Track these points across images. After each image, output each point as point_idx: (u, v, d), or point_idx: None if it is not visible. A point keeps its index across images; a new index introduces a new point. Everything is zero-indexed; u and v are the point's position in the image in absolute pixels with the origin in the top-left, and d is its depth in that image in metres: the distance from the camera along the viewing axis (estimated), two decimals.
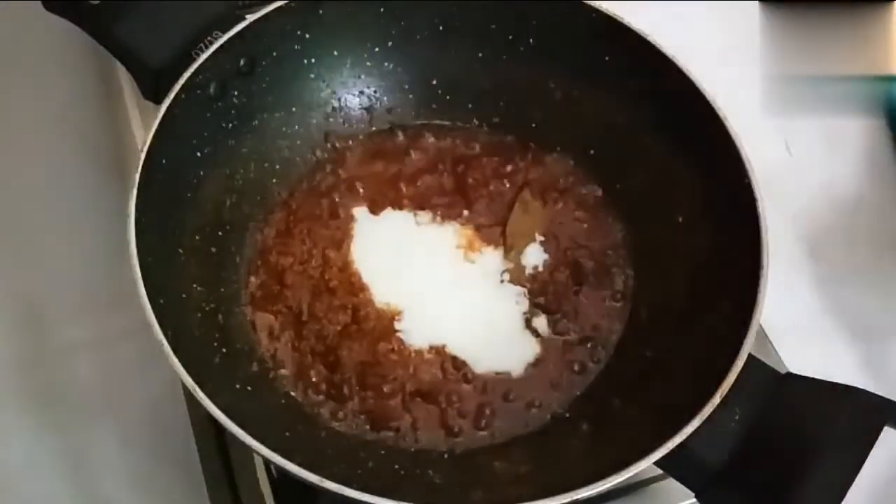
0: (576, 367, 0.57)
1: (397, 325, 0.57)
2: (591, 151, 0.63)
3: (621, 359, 0.57)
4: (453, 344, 0.57)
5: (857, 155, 0.78)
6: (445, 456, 0.53)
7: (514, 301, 0.59)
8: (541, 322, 0.58)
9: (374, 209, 0.62)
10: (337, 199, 0.62)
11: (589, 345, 0.57)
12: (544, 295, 0.59)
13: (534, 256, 0.61)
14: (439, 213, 0.62)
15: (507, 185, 0.63)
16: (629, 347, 0.57)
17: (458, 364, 0.56)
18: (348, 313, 0.57)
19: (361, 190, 0.63)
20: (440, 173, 0.64)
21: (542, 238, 0.62)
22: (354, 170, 0.63)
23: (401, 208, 0.62)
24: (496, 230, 0.62)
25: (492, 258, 0.61)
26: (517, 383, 0.56)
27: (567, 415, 0.55)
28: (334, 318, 0.57)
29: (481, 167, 0.64)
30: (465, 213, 0.62)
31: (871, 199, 0.76)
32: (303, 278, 0.58)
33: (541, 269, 0.60)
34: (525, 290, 0.59)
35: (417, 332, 0.57)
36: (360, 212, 0.62)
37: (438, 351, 0.56)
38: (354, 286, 0.58)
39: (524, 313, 0.59)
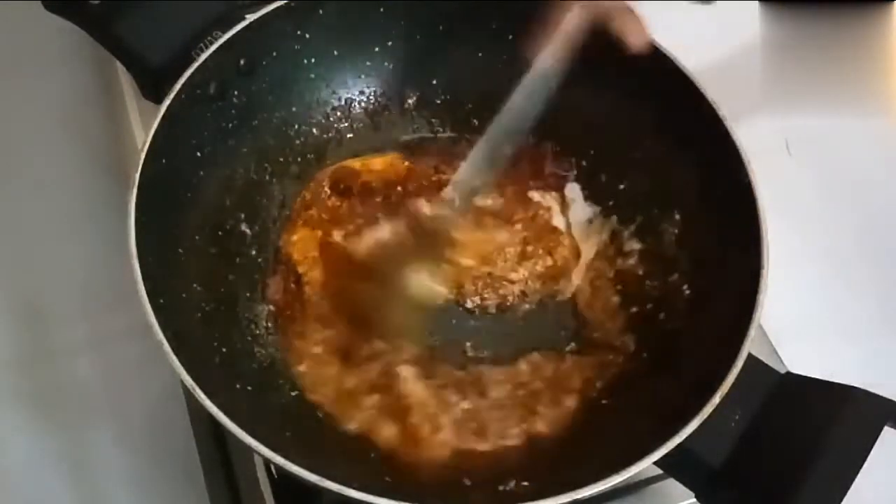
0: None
1: None
2: (591, 151, 0.63)
3: (621, 359, 0.57)
4: None
5: (857, 155, 0.78)
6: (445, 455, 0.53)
7: None
8: None
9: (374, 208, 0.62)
10: (337, 199, 0.62)
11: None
12: None
13: None
14: None
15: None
16: (629, 348, 0.57)
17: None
18: None
19: (361, 188, 0.62)
20: (440, 172, 0.64)
21: None
22: (355, 168, 0.63)
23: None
24: None
25: None
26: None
27: None
28: None
29: None
30: None
31: (871, 198, 0.76)
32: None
33: None
34: None
35: None
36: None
37: None
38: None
39: None
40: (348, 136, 0.65)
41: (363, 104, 0.65)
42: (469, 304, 0.59)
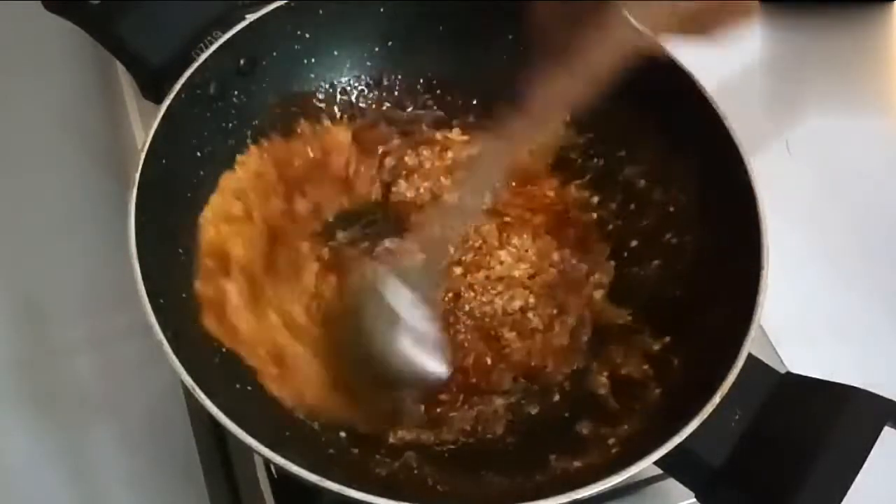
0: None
1: None
2: (591, 151, 0.63)
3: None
4: None
5: (857, 155, 0.78)
6: (445, 455, 0.53)
7: None
8: None
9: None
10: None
11: None
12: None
13: None
14: None
15: None
16: (629, 347, 0.57)
17: None
18: None
19: (361, 189, 0.63)
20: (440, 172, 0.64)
21: None
22: (354, 169, 0.63)
23: None
24: None
25: None
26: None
27: (567, 414, 0.55)
28: None
29: None
30: None
31: (871, 198, 0.76)
32: None
33: None
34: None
35: None
36: None
37: None
38: None
39: None
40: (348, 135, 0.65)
41: (363, 104, 0.65)
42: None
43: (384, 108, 0.65)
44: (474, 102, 0.65)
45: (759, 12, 0.45)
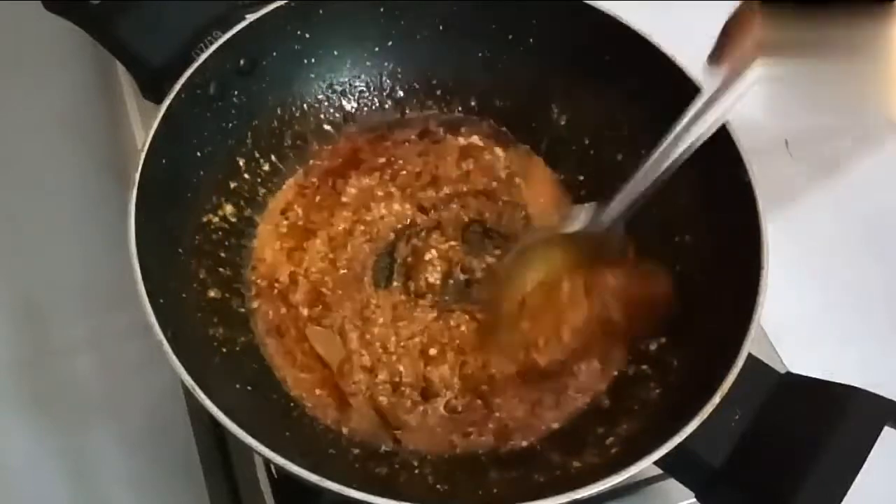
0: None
1: None
2: (592, 152, 0.63)
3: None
4: None
5: (856, 155, 0.78)
6: (446, 456, 0.53)
7: None
8: None
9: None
10: (336, 200, 0.62)
11: None
12: None
13: None
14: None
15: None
16: (629, 348, 0.57)
17: None
18: None
19: (360, 190, 0.63)
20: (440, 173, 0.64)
21: None
22: (354, 170, 0.63)
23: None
24: None
25: None
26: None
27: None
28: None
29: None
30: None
31: (870, 198, 0.76)
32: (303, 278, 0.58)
33: None
34: None
35: None
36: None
37: None
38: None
39: None
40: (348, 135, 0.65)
41: (363, 104, 0.65)
42: None
43: (385, 108, 0.65)
44: (473, 103, 0.65)
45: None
